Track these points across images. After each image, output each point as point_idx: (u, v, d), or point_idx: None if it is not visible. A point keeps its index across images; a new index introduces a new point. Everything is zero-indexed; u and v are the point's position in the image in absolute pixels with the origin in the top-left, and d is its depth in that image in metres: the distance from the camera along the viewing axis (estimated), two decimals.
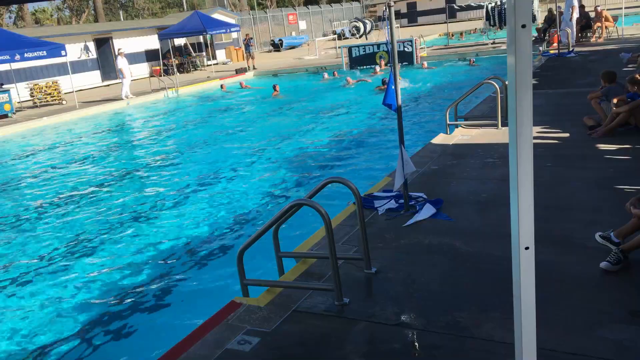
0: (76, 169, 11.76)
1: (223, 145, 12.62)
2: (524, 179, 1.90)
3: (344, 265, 4.61)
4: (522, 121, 1.86)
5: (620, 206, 4.55)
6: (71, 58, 23.24)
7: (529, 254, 1.97)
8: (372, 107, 14.57)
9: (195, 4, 51.72)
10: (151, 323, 5.20)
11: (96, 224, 8.03)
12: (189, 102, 20.32)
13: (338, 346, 3.53)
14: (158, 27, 30.27)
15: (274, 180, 9.32)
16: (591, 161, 6.73)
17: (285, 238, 4.96)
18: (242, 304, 4.18)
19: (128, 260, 6.65)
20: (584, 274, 4.05)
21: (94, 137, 15.50)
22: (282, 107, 16.91)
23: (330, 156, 10.43)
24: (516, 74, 1.82)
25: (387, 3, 5.12)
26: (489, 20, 25.47)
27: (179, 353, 3.64)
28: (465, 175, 6.74)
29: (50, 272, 6.52)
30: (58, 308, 5.65)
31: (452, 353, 3.34)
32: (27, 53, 18.54)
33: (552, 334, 3.34)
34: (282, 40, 39.01)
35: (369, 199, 6.03)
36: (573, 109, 9.41)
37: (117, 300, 5.67)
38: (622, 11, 21.48)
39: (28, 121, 18.07)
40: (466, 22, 40.41)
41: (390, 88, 5.24)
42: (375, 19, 39.74)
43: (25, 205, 9.45)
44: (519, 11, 1.78)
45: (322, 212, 3.81)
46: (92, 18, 51.48)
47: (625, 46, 16.68)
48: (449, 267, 4.41)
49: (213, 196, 8.83)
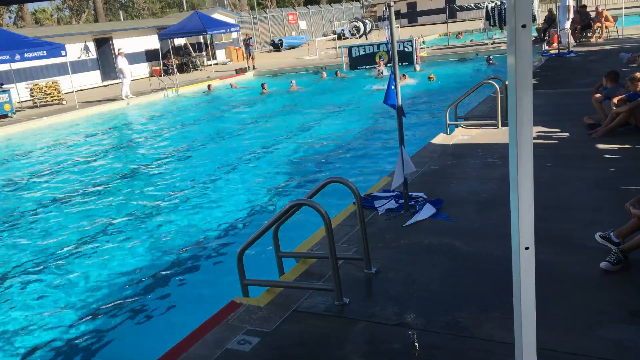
0: (76, 169, 11.76)
1: (223, 145, 12.62)
2: (524, 179, 1.91)
3: (344, 265, 4.61)
4: (522, 121, 1.86)
5: (620, 206, 4.55)
6: (71, 58, 23.24)
7: (529, 254, 1.97)
8: (372, 107, 14.57)
9: (195, 4, 51.71)
10: (151, 323, 5.20)
11: (96, 224, 8.03)
12: (189, 102, 20.32)
13: (338, 346, 3.53)
14: (158, 27, 30.28)
15: (274, 180, 9.32)
16: (591, 161, 6.73)
17: (285, 238, 4.95)
18: (242, 304, 4.18)
19: (128, 260, 6.65)
20: (584, 274, 4.05)
21: (94, 137, 15.50)
22: (282, 107, 16.92)
23: (331, 156, 10.43)
24: (516, 74, 1.83)
25: (387, 3, 5.12)
26: (489, 20, 25.46)
27: (179, 353, 3.64)
28: (465, 175, 6.74)
29: (50, 272, 6.52)
30: (58, 308, 5.65)
31: (452, 353, 3.34)
32: (27, 53, 18.54)
33: (552, 334, 3.34)
34: (282, 40, 39.01)
35: (369, 199, 6.03)
36: (573, 109, 9.41)
37: (117, 300, 5.67)
38: (622, 11, 21.48)
39: (28, 121, 18.07)
40: (466, 22, 40.40)
41: (390, 88, 5.24)
42: (375, 19, 39.71)
43: (25, 205, 9.44)
44: (519, 11, 1.79)
45: (322, 212, 3.81)
46: (92, 18, 51.48)
47: (625, 46, 16.68)
48: (449, 267, 4.41)
49: (213, 196, 8.83)
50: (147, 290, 5.83)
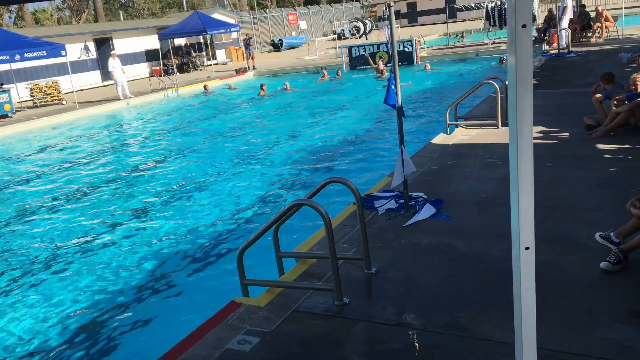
0: (76, 169, 11.76)
1: (223, 145, 12.62)
2: (524, 179, 1.90)
3: (344, 265, 4.61)
4: (522, 121, 1.86)
5: (620, 206, 4.55)
6: (71, 58, 23.24)
7: (529, 254, 1.97)
8: (372, 107, 14.57)
9: (195, 4, 51.70)
10: (151, 323, 5.20)
11: (96, 224, 8.04)
12: (189, 102, 20.32)
13: (338, 346, 3.53)
14: (158, 27, 30.28)
15: (274, 180, 9.32)
16: (591, 161, 6.73)
17: (285, 238, 4.96)
18: (242, 304, 4.18)
19: (128, 260, 6.65)
20: (584, 274, 4.05)
21: (94, 137, 15.50)
22: (282, 107, 16.91)
23: (330, 156, 10.43)
24: (516, 74, 1.82)
25: (387, 3, 5.12)
26: (489, 20, 25.47)
27: (179, 353, 3.64)
28: (465, 175, 6.74)
29: (50, 272, 6.53)
30: (57, 308, 5.65)
31: (452, 353, 3.34)
32: (27, 53, 18.55)
33: (552, 334, 3.34)
34: (282, 40, 39.00)
35: (369, 199, 6.03)
36: (573, 109, 9.41)
37: (116, 300, 5.67)
38: (622, 11, 21.48)
39: (28, 121, 18.08)
40: (466, 22, 40.41)
41: (390, 88, 5.25)
42: (375, 19, 39.74)
43: (25, 205, 9.44)
44: (519, 11, 1.79)
45: (322, 212, 3.81)
46: (92, 18, 51.49)
47: (625, 46, 16.68)
48: (449, 267, 4.41)
49: (213, 196, 8.82)
50: (147, 291, 5.83)
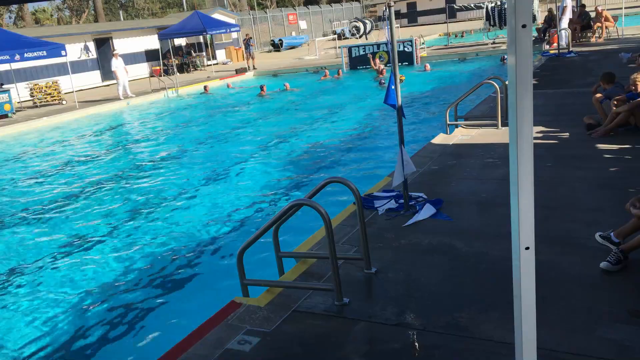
0: (76, 169, 11.76)
1: (223, 145, 12.62)
2: (524, 179, 1.91)
3: (344, 265, 4.60)
4: (522, 121, 1.86)
5: (621, 206, 4.55)
6: (71, 58, 23.24)
7: (529, 254, 1.97)
8: (372, 107, 14.57)
9: (195, 4, 51.70)
10: (151, 323, 5.20)
11: (95, 224, 8.03)
12: (189, 102, 20.32)
13: (338, 346, 3.53)
14: (158, 27, 30.28)
15: (274, 180, 9.32)
16: (591, 161, 6.73)
17: (285, 238, 4.96)
18: (242, 304, 4.18)
19: (127, 260, 6.65)
20: (584, 274, 4.05)
21: (94, 137, 15.50)
22: (281, 107, 16.91)
23: (330, 156, 10.43)
24: (516, 74, 1.82)
25: (387, 3, 5.12)
26: (489, 20, 25.47)
27: (179, 353, 3.64)
28: (465, 175, 6.74)
29: (49, 272, 6.52)
30: (57, 308, 5.65)
31: (452, 353, 3.33)
32: (27, 53, 18.54)
33: (552, 334, 3.34)
34: (282, 40, 39.00)
35: (369, 199, 6.03)
36: (573, 109, 9.41)
37: (116, 300, 5.67)
38: (622, 11, 21.48)
39: (28, 121, 18.07)
40: (466, 22, 40.41)
41: (390, 88, 5.25)
42: (375, 19, 39.75)
43: (24, 206, 9.44)
44: (519, 11, 1.79)
45: (322, 212, 3.81)
46: (92, 18, 51.48)
47: (625, 46, 16.68)
48: (449, 267, 4.41)
49: (213, 196, 8.82)
50: (147, 291, 5.83)
